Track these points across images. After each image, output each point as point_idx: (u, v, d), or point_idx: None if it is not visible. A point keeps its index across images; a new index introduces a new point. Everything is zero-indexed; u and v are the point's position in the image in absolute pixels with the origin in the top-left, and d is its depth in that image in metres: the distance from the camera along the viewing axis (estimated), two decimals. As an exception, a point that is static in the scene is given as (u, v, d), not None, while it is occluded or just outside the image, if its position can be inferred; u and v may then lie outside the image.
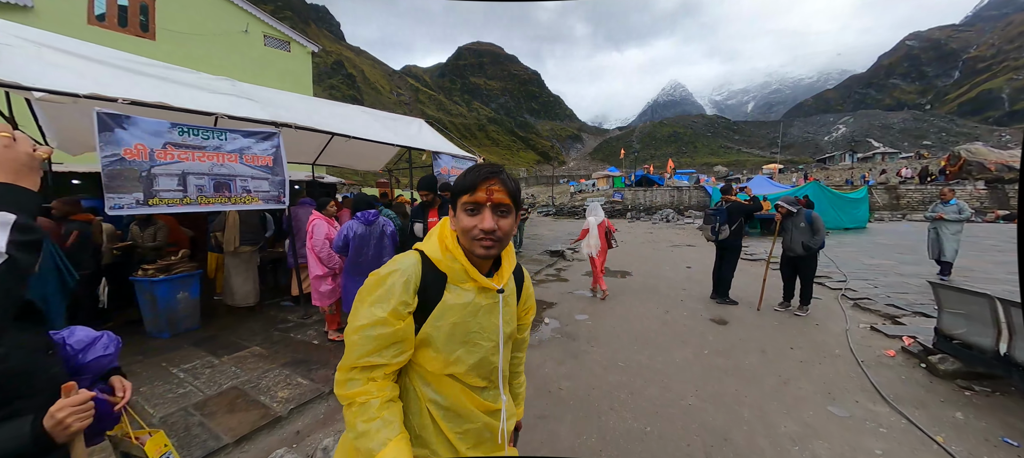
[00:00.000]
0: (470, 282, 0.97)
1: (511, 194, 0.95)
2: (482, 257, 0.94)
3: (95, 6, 9.53)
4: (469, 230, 0.92)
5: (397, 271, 0.94)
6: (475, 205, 0.92)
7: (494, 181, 0.92)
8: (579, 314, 5.07)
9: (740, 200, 5.49)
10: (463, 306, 0.95)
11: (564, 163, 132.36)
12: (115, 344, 1.17)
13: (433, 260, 0.96)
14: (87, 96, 3.67)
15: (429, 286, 0.95)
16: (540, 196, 41.29)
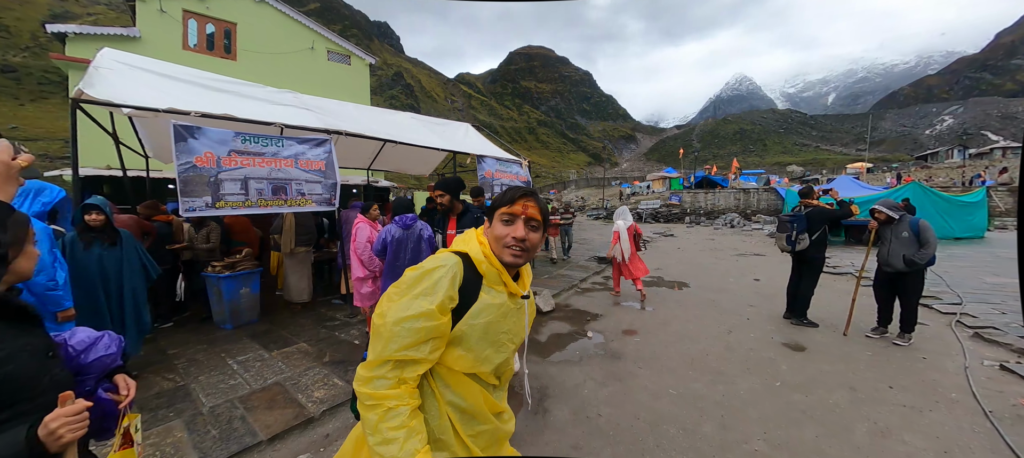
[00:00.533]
0: (502, 286, 1.06)
1: (542, 212, 1.08)
2: (510, 265, 1.05)
3: (189, 35, 10.87)
4: (502, 237, 1.04)
5: (443, 267, 1.00)
6: (511, 216, 1.05)
7: (529, 199, 1.06)
8: (627, 329, 4.65)
9: (823, 204, 4.72)
10: (498, 307, 1.04)
11: (616, 164, 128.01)
12: (116, 344, 1.18)
13: (475, 261, 1.04)
14: (165, 110, 4.06)
15: (468, 285, 1.02)
16: (590, 199, 40.23)
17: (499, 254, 1.04)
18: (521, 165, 8.11)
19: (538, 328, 4.73)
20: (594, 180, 61.18)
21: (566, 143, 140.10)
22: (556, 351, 4.02)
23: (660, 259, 10.15)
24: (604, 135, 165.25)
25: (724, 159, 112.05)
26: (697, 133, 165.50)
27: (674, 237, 15.96)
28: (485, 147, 8.19)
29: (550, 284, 6.86)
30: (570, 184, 60.35)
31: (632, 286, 6.96)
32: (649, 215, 25.68)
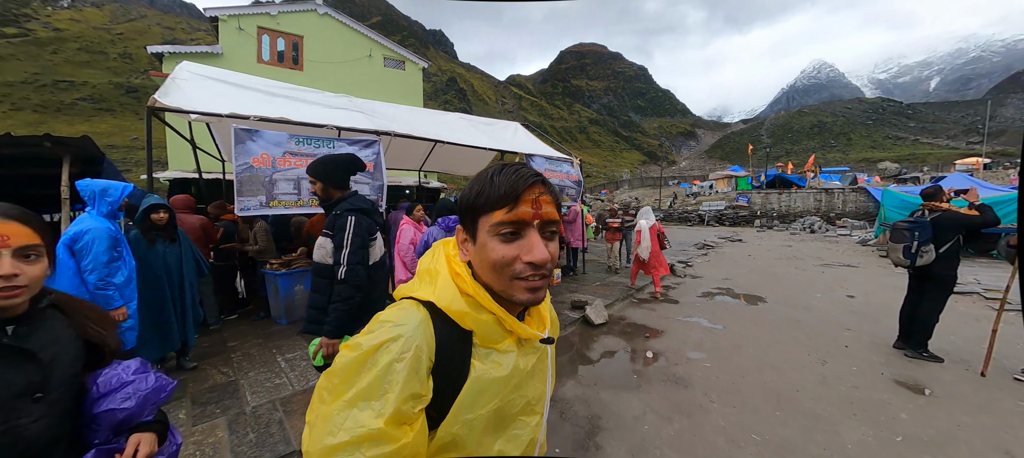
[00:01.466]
0: (508, 338, 0.67)
1: (558, 205, 0.67)
2: (525, 303, 0.64)
3: (262, 49, 11.87)
4: (507, 264, 0.61)
5: (394, 340, 0.59)
6: (516, 225, 0.61)
7: (540, 188, 0.64)
8: (694, 350, 4.05)
9: (956, 208, 3.75)
10: (505, 380, 0.66)
11: (674, 163, 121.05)
12: (140, 400, 0.94)
13: (452, 314, 0.64)
14: (227, 115, 4.26)
15: (448, 358, 0.62)
16: (646, 199, 38.33)
17: (503, 289, 0.64)
18: (572, 164, 7.69)
19: (589, 343, 4.30)
20: (649, 180, 58.30)
21: (619, 141, 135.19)
22: (610, 372, 3.59)
23: (727, 267, 9.14)
24: (661, 132, 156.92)
25: (799, 156, 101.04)
26: (767, 127, 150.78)
27: (743, 242, 14.47)
28: (534, 146, 7.90)
29: (602, 292, 6.37)
30: (623, 184, 58.03)
31: (694, 297, 6.26)
32: (712, 218, 23.72)
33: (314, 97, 6.05)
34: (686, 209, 27.45)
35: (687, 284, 7.34)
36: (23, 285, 0.82)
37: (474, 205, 0.64)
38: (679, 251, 11.94)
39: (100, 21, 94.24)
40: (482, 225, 0.64)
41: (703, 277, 7.98)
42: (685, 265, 9.09)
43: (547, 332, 0.73)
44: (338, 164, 2.11)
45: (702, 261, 10.08)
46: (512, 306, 0.68)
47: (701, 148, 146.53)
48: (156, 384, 0.98)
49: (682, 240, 15.08)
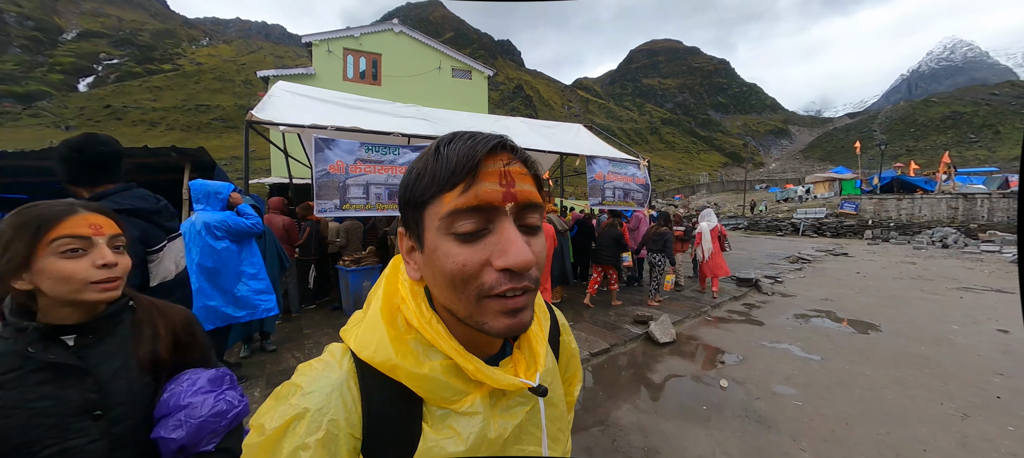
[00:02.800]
0: (473, 391, 0.47)
1: (539, 184, 0.46)
2: (503, 333, 0.42)
3: (347, 68, 13.20)
4: (470, 277, 0.40)
5: (299, 419, 0.42)
6: (478, 213, 0.40)
7: (509, 155, 0.43)
8: (781, 384, 3.44)
9: None
10: (469, 453, 0.45)
11: (762, 164, 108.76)
12: (188, 429, 0.78)
13: (379, 367, 0.44)
14: (309, 126, 4.71)
15: (381, 428, 0.44)
16: (727, 205, 34.93)
17: (468, 315, 0.43)
18: (639, 165, 7.20)
19: (651, 364, 3.89)
20: (731, 183, 53.12)
21: (696, 142, 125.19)
22: (674, 400, 3.20)
23: (828, 286, 7.82)
24: (746, 130, 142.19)
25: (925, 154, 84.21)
26: (881, 121, 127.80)
27: (849, 257, 12.36)
28: (597, 147, 7.58)
29: (670, 307, 5.82)
30: (700, 188, 53.55)
31: (784, 319, 5.42)
32: (809, 227, 20.70)
33: (385, 108, 6.50)
34: (776, 216, 24.33)
35: (775, 303, 6.39)
36: (119, 276, 0.80)
37: (415, 192, 0.44)
38: (766, 264, 10.56)
39: (229, 55, 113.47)
40: (429, 221, 0.43)
41: (796, 296, 6.91)
42: (773, 281, 7.96)
43: (538, 378, 0.50)
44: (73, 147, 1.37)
45: (795, 277, 8.76)
46: (487, 343, 0.49)
47: (795, 147, 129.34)
48: (214, 409, 0.81)
49: (770, 252, 13.35)
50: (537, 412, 0.52)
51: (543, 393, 0.49)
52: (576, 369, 0.72)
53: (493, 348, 0.51)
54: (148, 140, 48.38)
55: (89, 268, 0.75)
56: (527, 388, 0.48)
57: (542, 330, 0.55)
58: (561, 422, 0.57)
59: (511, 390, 0.49)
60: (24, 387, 0.70)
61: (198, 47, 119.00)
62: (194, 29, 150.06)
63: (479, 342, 0.48)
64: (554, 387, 0.56)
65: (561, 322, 0.70)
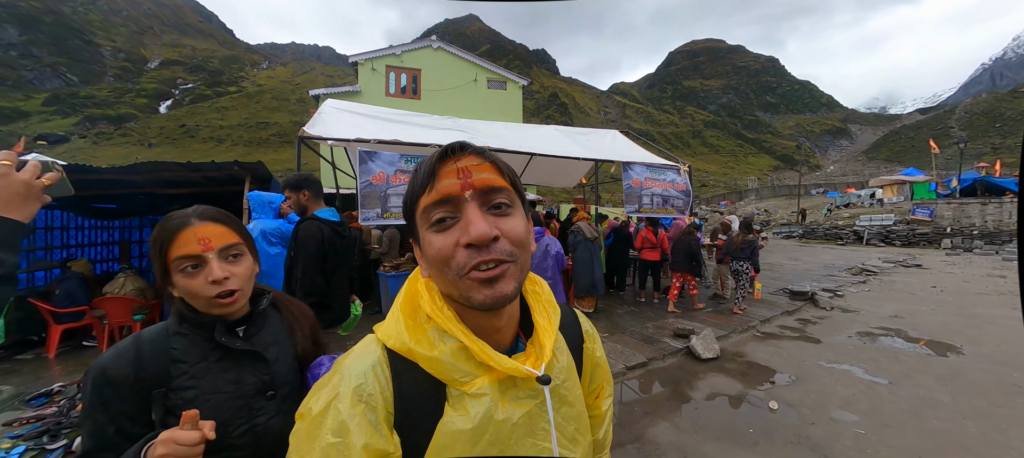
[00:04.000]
0: (482, 374, 0.52)
1: (505, 173, 0.53)
2: (489, 303, 0.49)
3: (390, 84, 13.90)
4: (448, 258, 0.49)
5: (340, 399, 0.49)
6: (444, 205, 0.49)
7: (466, 156, 0.51)
8: (841, 409, 3.13)
9: None
10: (471, 435, 0.49)
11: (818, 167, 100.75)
12: None
13: (401, 352, 0.53)
14: (354, 140, 5.01)
15: (412, 405, 0.51)
16: (779, 211, 32.68)
17: (462, 295, 0.50)
18: (679, 171, 6.93)
19: (692, 380, 3.71)
20: (783, 188, 49.70)
21: (742, 145, 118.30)
22: (717, 420, 3.02)
23: (898, 301, 7.08)
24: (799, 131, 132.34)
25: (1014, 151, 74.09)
26: (959, 116, 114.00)
27: (923, 269, 11.11)
28: (634, 153, 7.39)
29: (714, 320, 5.53)
30: (749, 193, 50.47)
31: (845, 337, 4.97)
32: (875, 235, 18.88)
33: (424, 121, 6.76)
34: (836, 224, 22.40)
35: (834, 319, 5.86)
36: (235, 288, 0.82)
37: (407, 203, 0.55)
38: (823, 275, 9.75)
39: (285, 76, 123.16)
40: (419, 224, 0.52)
41: (859, 312, 6.31)
42: (832, 295, 7.32)
43: (543, 367, 0.54)
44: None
45: (858, 291, 8.00)
46: (497, 332, 0.55)
47: (856, 148, 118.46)
48: None
49: (828, 262, 12.30)
50: (544, 404, 0.54)
51: (547, 382, 0.54)
52: (603, 380, 0.72)
53: (504, 341, 0.56)
54: (215, 155, 53.45)
55: (204, 285, 0.80)
56: (534, 378, 0.53)
57: (551, 325, 0.59)
58: (579, 424, 0.58)
59: (519, 377, 0.53)
60: (213, 374, 0.80)
61: (259, 70, 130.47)
62: (255, 54, 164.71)
63: (489, 332, 0.54)
64: (568, 386, 0.59)
65: (585, 329, 0.71)
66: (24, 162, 0.75)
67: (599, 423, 0.70)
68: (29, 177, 0.74)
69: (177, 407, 0.74)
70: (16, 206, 0.73)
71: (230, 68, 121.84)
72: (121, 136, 64.30)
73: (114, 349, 0.76)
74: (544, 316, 0.59)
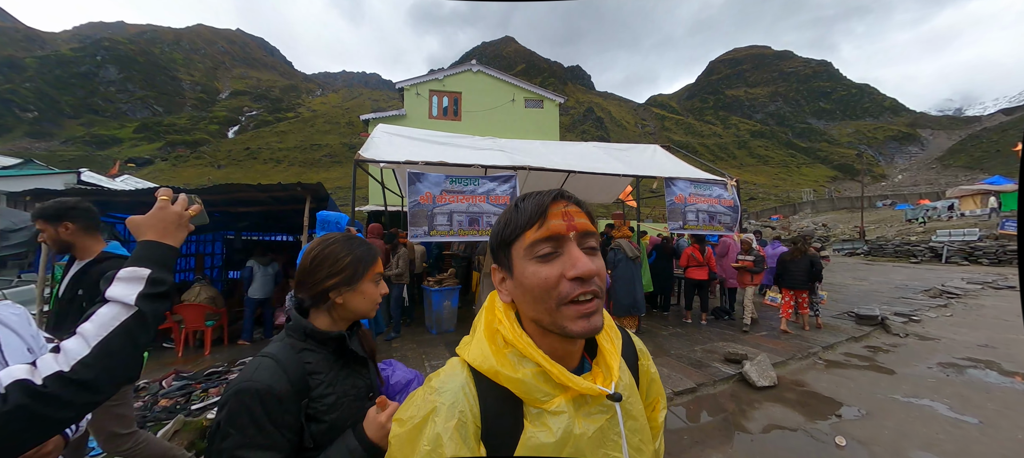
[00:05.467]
0: (559, 394, 0.58)
1: (592, 219, 0.62)
2: (581, 333, 0.56)
3: (433, 107, 14.60)
4: (550, 287, 0.56)
5: (436, 413, 0.56)
6: (552, 242, 0.58)
7: (567, 202, 0.60)
8: (920, 449, 2.80)
9: None
10: (554, 448, 0.55)
11: (883, 177, 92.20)
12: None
13: (486, 373, 0.59)
14: (403, 162, 5.32)
15: (495, 421, 0.58)
16: (839, 226, 30.17)
17: (553, 323, 0.57)
18: (726, 186, 6.68)
19: (747, 410, 3.50)
20: (843, 200, 45.89)
21: (794, 155, 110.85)
22: (775, 455, 2.83)
23: (988, 328, 6.28)
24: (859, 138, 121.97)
25: None
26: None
27: (1017, 291, 9.77)
28: (676, 168, 7.23)
29: (770, 345, 5.20)
30: (804, 206, 47.05)
31: (924, 368, 4.48)
32: (955, 252, 16.90)
33: (466, 142, 7.03)
34: (909, 239, 20.32)
35: (910, 348, 5.30)
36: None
37: (503, 236, 0.62)
38: (895, 298, 8.86)
39: (336, 102, 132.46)
40: (516, 254, 0.60)
41: (940, 340, 5.67)
42: (906, 320, 6.62)
43: (614, 386, 0.60)
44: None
45: (938, 316, 7.18)
46: (569, 356, 0.61)
47: (928, 154, 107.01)
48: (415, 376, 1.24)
49: (900, 283, 11.15)
50: (616, 420, 0.61)
51: (618, 399, 0.61)
52: (658, 394, 0.77)
53: (573, 363, 0.63)
54: (275, 175, 58.10)
55: (376, 293, 1.00)
56: (605, 395, 0.59)
57: (615, 347, 0.66)
58: (643, 435, 0.64)
59: (592, 395, 0.59)
60: (342, 381, 0.92)
61: (313, 97, 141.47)
62: (310, 82, 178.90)
63: (561, 356, 0.61)
64: (632, 401, 0.65)
65: (638, 347, 0.78)
66: (177, 197, 0.92)
67: (657, 433, 0.75)
68: (181, 209, 0.90)
69: (318, 413, 0.86)
70: (172, 233, 0.87)
71: (288, 96, 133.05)
72: (196, 158, 71.75)
73: (264, 370, 0.82)
74: (609, 340, 0.66)
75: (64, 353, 0.68)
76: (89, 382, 0.67)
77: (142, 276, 0.77)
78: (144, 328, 0.76)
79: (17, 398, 0.61)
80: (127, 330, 0.73)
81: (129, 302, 0.74)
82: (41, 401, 0.62)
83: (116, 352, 0.71)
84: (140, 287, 0.76)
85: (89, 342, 0.70)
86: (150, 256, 0.81)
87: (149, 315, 0.76)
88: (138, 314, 0.75)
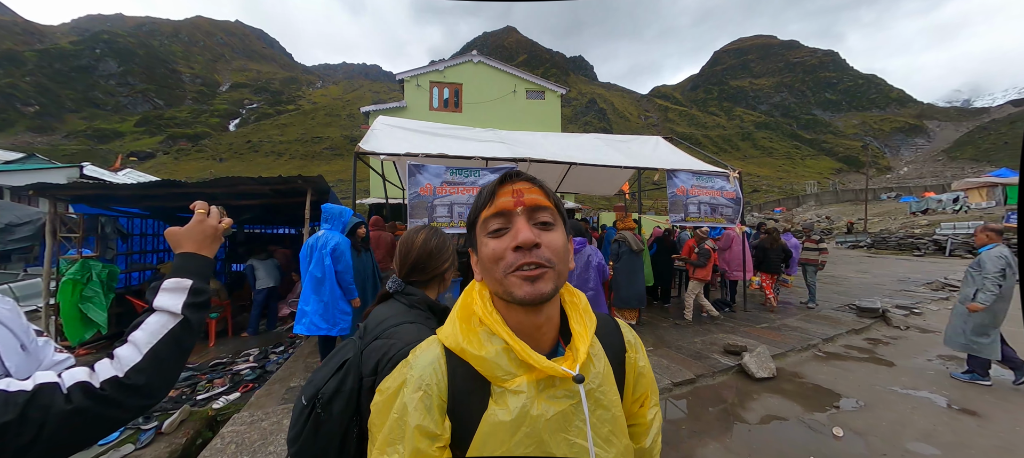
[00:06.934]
0: (523, 374, 0.60)
1: (551, 198, 0.66)
2: (528, 299, 0.59)
3: (433, 99, 14.50)
4: (499, 259, 0.61)
5: (407, 384, 0.62)
6: (502, 218, 0.63)
7: (519, 181, 0.65)
8: (917, 441, 2.83)
9: None
10: (509, 427, 0.57)
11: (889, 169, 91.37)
12: None
13: (456, 351, 0.63)
14: (403, 154, 5.30)
15: (464, 397, 0.61)
16: (843, 219, 30.02)
17: (506, 291, 0.61)
18: (728, 178, 6.64)
19: (745, 401, 3.52)
20: (847, 193, 45.60)
21: (799, 147, 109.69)
22: (774, 446, 2.85)
23: (989, 318, 6.26)
24: (864, 130, 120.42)
25: None
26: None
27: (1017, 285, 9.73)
28: (678, 159, 7.19)
29: (770, 337, 5.21)
30: (808, 199, 46.76)
31: (923, 360, 4.49)
32: (960, 245, 16.81)
33: (466, 133, 6.99)
34: (912, 232, 20.21)
35: (910, 340, 5.30)
36: None
37: (470, 219, 0.69)
38: (897, 290, 8.84)
39: (337, 94, 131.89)
40: (478, 232, 0.66)
41: (940, 332, 5.65)
42: (907, 312, 6.62)
43: (578, 369, 0.60)
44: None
45: (939, 309, 7.19)
46: (540, 335, 0.64)
47: (935, 146, 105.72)
48: None
49: (903, 276, 11.11)
50: (581, 405, 0.61)
51: (580, 380, 0.60)
52: (647, 388, 0.75)
53: (546, 345, 0.65)
54: (276, 168, 58.09)
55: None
56: (570, 378, 0.60)
57: (586, 330, 0.66)
58: (614, 426, 0.64)
59: (559, 378, 0.60)
60: None
61: (313, 89, 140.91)
62: (311, 74, 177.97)
63: (531, 333, 0.63)
64: (604, 389, 0.64)
65: (627, 339, 0.76)
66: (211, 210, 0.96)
67: (644, 431, 0.73)
68: (215, 222, 0.94)
69: None
70: (208, 245, 0.91)
71: (289, 88, 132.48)
72: (197, 152, 71.77)
73: (425, 332, 0.94)
74: (580, 323, 0.67)
75: (118, 359, 0.72)
76: (142, 387, 0.71)
77: (185, 286, 0.82)
78: (190, 334, 0.81)
79: (79, 399, 0.64)
80: (174, 337, 0.77)
81: (176, 311, 0.79)
82: (101, 403, 0.66)
83: (165, 358, 0.75)
84: (184, 297, 0.81)
85: (141, 349, 0.74)
86: (190, 267, 0.85)
87: (194, 323, 0.81)
88: (184, 322, 0.79)
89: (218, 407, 3.40)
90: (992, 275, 3.66)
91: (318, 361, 4.15)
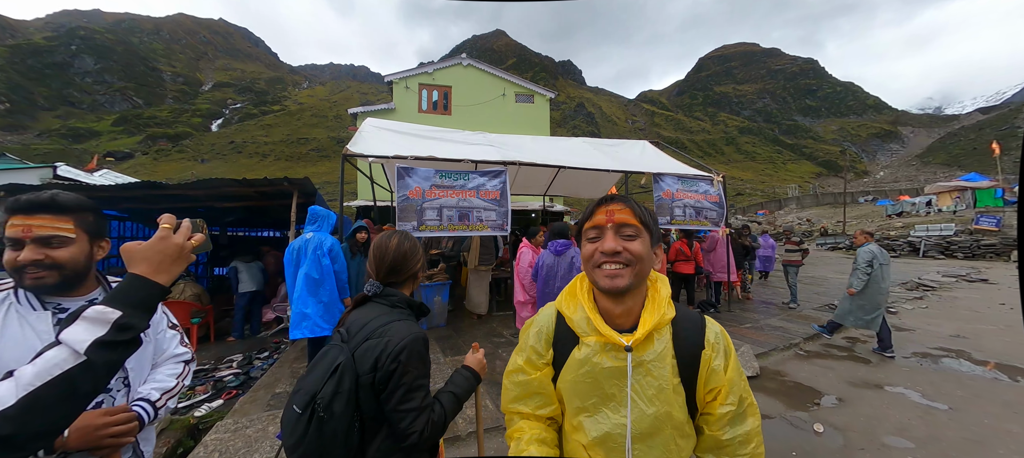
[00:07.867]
0: (594, 335, 0.90)
1: (637, 216, 0.88)
2: (608, 290, 0.86)
3: (422, 101, 14.41)
4: (590, 256, 0.89)
5: (534, 320, 1.03)
6: (596, 230, 0.89)
7: (614, 203, 0.90)
8: (894, 435, 2.93)
9: None
10: (580, 363, 0.90)
11: (866, 173, 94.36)
12: None
13: (562, 312, 0.97)
14: (392, 156, 5.26)
15: (562, 340, 0.96)
16: (823, 221, 30.87)
17: (595, 280, 0.89)
18: (712, 182, 6.78)
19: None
20: (827, 196, 46.91)
21: (780, 151, 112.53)
22: (759, 436, 2.92)
23: (961, 319, 6.54)
24: (843, 135, 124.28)
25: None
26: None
27: (990, 284, 10.18)
28: (664, 164, 7.30)
29: (754, 337, 5.33)
30: (789, 202, 47.93)
31: (900, 357, 4.65)
32: (933, 246, 17.50)
33: (456, 136, 6.99)
34: (888, 234, 20.90)
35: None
36: None
37: (579, 225, 0.96)
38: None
39: (323, 95, 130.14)
40: (582, 238, 0.93)
41: (915, 330, 5.89)
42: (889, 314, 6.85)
43: (631, 343, 0.85)
44: None
45: (914, 308, 7.45)
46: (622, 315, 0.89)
47: (909, 152, 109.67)
48: None
49: (879, 275, 11.48)
50: (626, 365, 0.87)
51: (628, 350, 0.86)
52: (719, 386, 0.87)
53: (626, 322, 0.90)
54: (260, 169, 56.96)
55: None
56: (622, 346, 0.86)
57: (651, 318, 0.87)
58: (659, 392, 0.85)
59: (612, 343, 0.87)
60: None
61: (300, 90, 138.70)
62: (297, 75, 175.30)
63: (613, 314, 0.90)
64: (654, 365, 0.86)
65: (709, 340, 0.89)
66: (179, 224, 0.81)
67: (717, 421, 0.87)
68: (182, 240, 0.78)
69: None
70: (165, 268, 0.75)
71: (274, 88, 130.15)
72: (178, 153, 69.86)
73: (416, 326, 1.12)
74: (649, 312, 0.88)
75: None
76: (4, 438, 0.57)
77: (109, 319, 0.66)
78: (90, 380, 0.65)
79: None
80: (69, 380, 0.62)
81: (79, 350, 0.63)
82: None
83: (46, 408, 0.60)
84: (101, 333, 0.65)
85: (19, 390, 0.60)
86: (131, 295, 0.71)
87: (101, 366, 0.65)
88: (85, 365, 0.63)
89: (200, 415, 3.31)
90: (861, 266, 4.72)
91: (305, 366, 4.09)
